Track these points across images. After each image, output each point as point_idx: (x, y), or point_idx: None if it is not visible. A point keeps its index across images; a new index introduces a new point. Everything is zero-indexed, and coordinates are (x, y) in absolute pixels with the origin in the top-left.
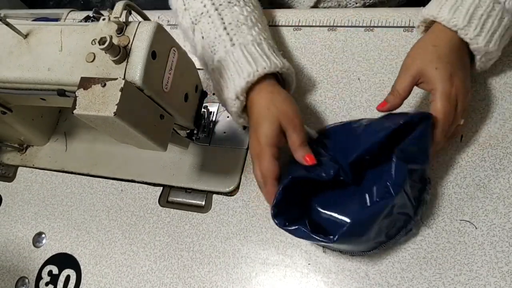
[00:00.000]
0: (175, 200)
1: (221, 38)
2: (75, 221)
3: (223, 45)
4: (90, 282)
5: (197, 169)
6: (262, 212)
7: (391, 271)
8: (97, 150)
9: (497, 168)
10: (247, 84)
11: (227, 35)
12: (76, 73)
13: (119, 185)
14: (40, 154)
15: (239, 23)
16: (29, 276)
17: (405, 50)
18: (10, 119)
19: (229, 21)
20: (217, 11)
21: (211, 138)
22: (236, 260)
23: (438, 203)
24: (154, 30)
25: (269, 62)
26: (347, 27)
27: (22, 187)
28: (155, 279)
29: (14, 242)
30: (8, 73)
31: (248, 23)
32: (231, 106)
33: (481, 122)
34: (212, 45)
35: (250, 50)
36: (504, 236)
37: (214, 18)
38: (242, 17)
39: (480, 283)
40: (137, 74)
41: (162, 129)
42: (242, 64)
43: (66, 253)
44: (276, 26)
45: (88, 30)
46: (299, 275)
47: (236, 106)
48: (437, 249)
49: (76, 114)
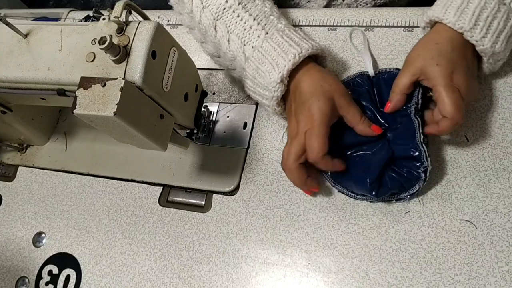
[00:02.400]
0: (175, 200)
1: (253, 28)
2: (75, 221)
3: (257, 34)
4: (90, 281)
5: (197, 168)
6: (262, 212)
7: (391, 271)
8: (97, 149)
9: (497, 167)
10: (293, 66)
11: (258, 25)
12: (76, 73)
13: (119, 184)
14: (40, 153)
15: (266, 14)
16: (29, 275)
17: (405, 50)
18: (10, 118)
19: (256, 13)
20: (241, 4)
21: (211, 137)
22: (236, 259)
23: (438, 202)
24: (154, 29)
25: (309, 44)
26: (347, 26)
27: (22, 187)
28: (155, 279)
29: (14, 241)
30: (8, 73)
31: (274, 14)
32: (275, 90)
33: (481, 121)
34: (242, 36)
35: (289, 35)
36: (504, 236)
37: (239, 12)
38: (267, 9)
39: (480, 282)
40: (137, 74)
41: (162, 129)
42: (284, 47)
43: (66, 252)
44: None
45: (88, 30)
46: (299, 275)
47: (280, 90)
48: (437, 248)
49: (76, 113)
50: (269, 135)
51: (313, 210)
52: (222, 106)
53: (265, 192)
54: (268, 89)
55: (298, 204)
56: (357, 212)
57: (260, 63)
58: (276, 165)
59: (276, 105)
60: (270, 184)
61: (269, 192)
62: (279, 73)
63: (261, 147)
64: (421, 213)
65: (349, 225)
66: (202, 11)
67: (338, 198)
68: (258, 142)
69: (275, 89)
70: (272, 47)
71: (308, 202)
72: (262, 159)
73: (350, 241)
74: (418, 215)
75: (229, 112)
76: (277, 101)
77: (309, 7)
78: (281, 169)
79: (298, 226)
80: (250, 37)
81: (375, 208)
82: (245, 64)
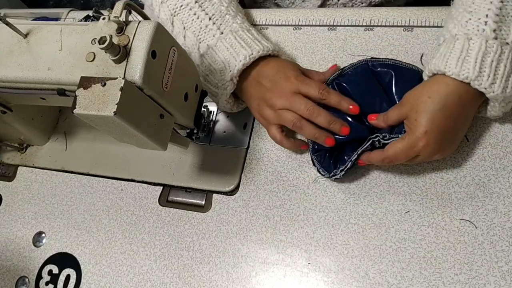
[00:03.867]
0: (175, 200)
1: (208, 28)
2: (75, 221)
3: (212, 34)
4: (90, 281)
5: (197, 168)
6: (262, 211)
7: (391, 271)
8: (97, 149)
9: (497, 167)
10: (243, 67)
11: (214, 24)
12: (76, 73)
13: (119, 184)
14: (40, 153)
15: (221, 13)
16: (29, 275)
17: (405, 49)
18: (10, 118)
19: (212, 13)
20: (198, 3)
21: (211, 137)
22: (236, 259)
23: (438, 202)
24: (154, 29)
25: (260, 46)
26: (347, 26)
27: (22, 187)
28: (155, 279)
29: (14, 241)
30: (8, 73)
31: (230, 13)
32: (225, 88)
33: (481, 121)
34: (198, 34)
35: (242, 36)
36: (504, 235)
37: (196, 10)
38: (223, 8)
39: (480, 282)
40: (137, 74)
41: (162, 129)
42: (236, 49)
43: (66, 252)
44: (276, 25)
45: (88, 30)
46: (299, 275)
47: (229, 88)
48: (437, 248)
49: (76, 113)
50: None
51: (313, 210)
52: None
53: (265, 192)
54: (218, 86)
55: (298, 204)
56: (357, 212)
57: (213, 62)
58: (276, 165)
59: (225, 102)
60: (270, 184)
61: (269, 192)
62: (229, 72)
63: (261, 147)
64: (421, 213)
65: (349, 225)
66: (160, 6)
67: (338, 198)
68: (258, 142)
69: (224, 87)
70: (225, 47)
71: (308, 202)
72: (262, 159)
73: (350, 241)
74: (418, 215)
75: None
76: (226, 98)
77: (304, 6)
78: (281, 169)
79: (298, 226)
80: (206, 36)
81: (375, 208)
82: (198, 60)
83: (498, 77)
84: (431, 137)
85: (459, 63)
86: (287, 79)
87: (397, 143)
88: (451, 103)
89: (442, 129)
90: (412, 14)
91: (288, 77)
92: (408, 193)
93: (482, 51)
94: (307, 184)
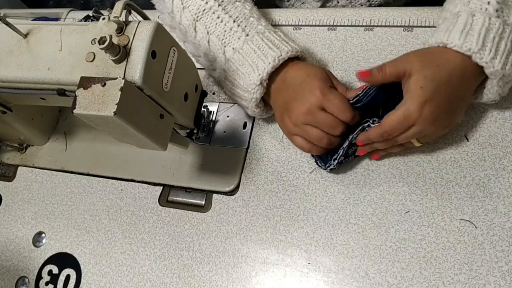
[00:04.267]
0: (175, 200)
1: (233, 30)
2: (75, 221)
3: (237, 36)
4: (90, 281)
5: (197, 168)
6: (262, 211)
7: (391, 271)
8: (97, 149)
9: (497, 167)
10: (272, 69)
11: (239, 27)
12: (76, 73)
13: (119, 184)
14: (40, 153)
15: (246, 16)
16: (29, 275)
17: (405, 50)
18: (10, 118)
19: (236, 15)
20: (221, 6)
21: (211, 137)
22: (236, 259)
23: (438, 202)
24: (154, 29)
25: (289, 46)
26: (347, 26)
27: (22, 187)
28: (155, 279)
29: (14, 241)
30: (8, 73)
31: (254, 15)
32: (254, 92)
33: (481, 121)
34: (222, 38)
35: (269, 37)
36: (504, 236)
37: (219, 13)
38: (246, 11)
39: (480, 282)
40: (137, 74)
41: (162, 129)
42: (264, 50)
43: (66, 252)
44: (276, 25)
45: (88, 30)
46: (299, 275)
47: (259, 92)
48: (436, 248)
49: (76, 113)
50: (269, 135)
51: (313, 210)
52: (222, 106)
53: (265, 192)
54: (247, 91)
55: (298, 204)
56: (357, 212)
57: (240, 65)
58: (276, 165)
59: (255, 107)
60: (270, 184)
61: (269, 192)
62: (258, 76)
63: (261, 147)
64: (421, 213)
65: (349, 225)
66: (182, 12)
67: (338, 198)
68: (258, 142)
69: (254, 91)
70: (252, 49)
71: (308, 202)
72: (262, 159)
73: (350, 241)
74: (418, 215)
75: (229, 112)
76: (256, 103)
77: (303, 8)
78: (281, 169)
79: (298, 226)
80: (231, 39)
81: (375, 208)
82: (225, 65)
83: (499, 53)
84: (429, 108)
85: (463, 36)
86: (311, 92)
87: (392, 114)
88: (458, 72)
89: (442, 103)
90: (412, 14)
91: (312, 89)
92: (408, 193)
93: (485, 26)
94: (307, 184)
